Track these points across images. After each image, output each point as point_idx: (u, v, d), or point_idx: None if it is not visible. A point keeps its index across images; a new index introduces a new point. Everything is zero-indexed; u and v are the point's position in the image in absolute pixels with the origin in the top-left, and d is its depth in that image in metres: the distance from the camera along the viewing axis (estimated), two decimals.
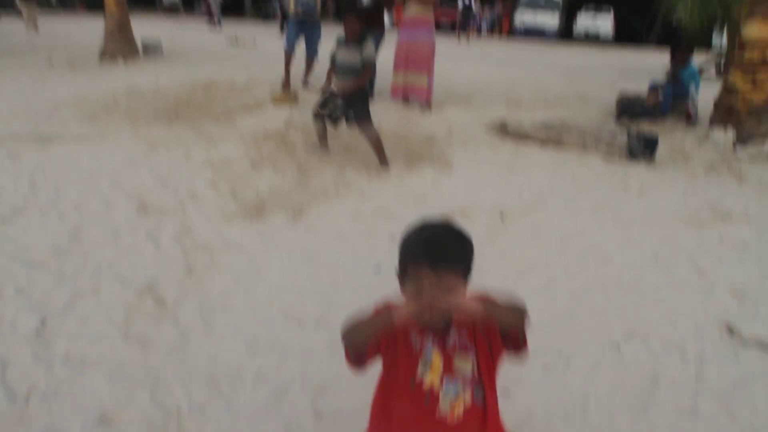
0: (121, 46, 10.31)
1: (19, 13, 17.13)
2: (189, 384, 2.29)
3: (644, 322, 2.91)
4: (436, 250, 1.25)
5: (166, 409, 2.16)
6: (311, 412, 2.19)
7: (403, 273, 1.31)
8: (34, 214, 3.71)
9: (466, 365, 1.32)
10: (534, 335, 1.35)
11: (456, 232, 1.32)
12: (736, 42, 6.73)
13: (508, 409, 1.48)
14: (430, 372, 1.31)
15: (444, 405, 1.30)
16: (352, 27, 4.63)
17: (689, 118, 7.16)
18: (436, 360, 1.31)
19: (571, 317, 2.92)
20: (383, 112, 6.77)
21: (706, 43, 18.70)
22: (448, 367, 1.31)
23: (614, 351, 2.69)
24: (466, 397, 1.31)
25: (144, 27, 14.62)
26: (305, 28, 7.72)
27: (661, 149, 5.60)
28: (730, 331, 2.90)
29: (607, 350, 2.69)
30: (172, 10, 32.36)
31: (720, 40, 13.07)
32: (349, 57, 4.63)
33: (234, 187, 4.29)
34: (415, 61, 6.97)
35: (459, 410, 1.31)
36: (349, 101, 4.66)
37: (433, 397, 1.30)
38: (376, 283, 3.12)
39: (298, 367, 2.42)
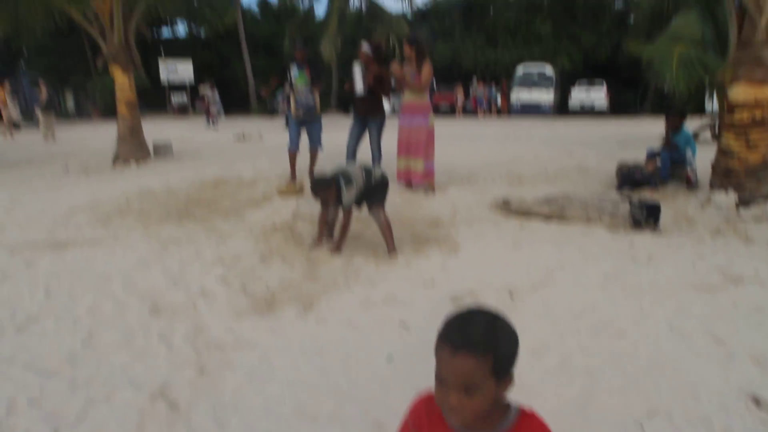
0: (132, 148, 10.68)
1: (37, 123, 18.03)
2: None
3: (666, 398, 2.83)
4: (457, 330, 1.16)
5: None
6: None
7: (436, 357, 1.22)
8: (48, 321, 3.73)
9: None
10: (552, 418, 1.31)
11: (489, 317, 1.21)
12: (725, 105, 6.87)
13: None
14: None
15: None
16: (323, 198, 4.72)
17: (689, 183, 7.23)
18: None
19: (589, 397, 2.84)
20: (388, 196, 6.87)
21: (699, 108, 19.12)
22: None
23: (637, 431, 2.60)
24: None
25: (155, 128, 15.20)
26: (306, 124, 7.96)
27: (665, 216, 5.62)
28: (757, 402, 2.81)
29: (630, 430, 2.60)
30: (181, 110, 33.83)
31: (711, 103, 13.36)
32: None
33: (244, 282, 4.32)
34: (414, 147, 7.15)
35: None
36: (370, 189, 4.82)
37: None
38: (389, 373, 3.07)
39: None
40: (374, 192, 4.85)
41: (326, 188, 4.62)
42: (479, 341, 1.14)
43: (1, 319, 3.73)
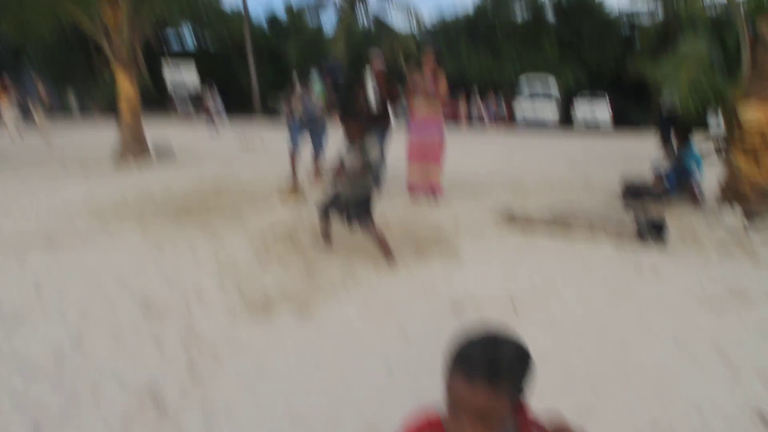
0: (133, 151, 10.66)
1: (33, 119, 18.01)
2: None
3: (670, 412, 2.76)
4: (471, 361, 1.11)
5: None
6: None
7: (445, 383, 1.18)
8: (36, 318, 3.66)
9: None
10: None
11: (505, 344, 1.17)
12: (733, 124, 6.84)
13: None
14: None
15: None
16: (350, 130, 4.69)
17: (696, 200, 7.17)
18: None
19: (592, 410, 2.77)
20: (390, 203, 6.83)
21: (702, 125, 19.06)
22: None
23: None
24: None
25: (157, 132, 15.19)
26: (310, 127, 7.96)
27: (671, 232, 5.56)
28: (764, 419, 2.73)
29: None
30: (184, 115, 33.98)
31: (716, 121, 13.30)
32: (352, 159, 4.69)
33: (240, 284, 4.25)
34: (431, 154, 7.10)
35: None
36: (350, 202, 4.68)
37: None
38: (387, 381, 3.00)
39: None
40: (364, 203, 4.76)
41: (357, 122, 4.68)
42: (496, 373, 1.10)
43: None
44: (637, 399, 2.86)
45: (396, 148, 7.83)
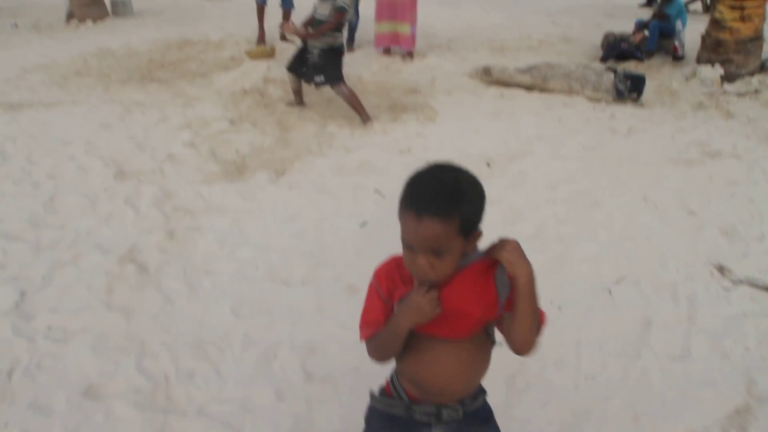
0: (88, 5, 9.92)
1: None
2: (175, 350, 2.25)
3: (635, 266, 2.90)
4: (420, 193, 1.09)
5: (153, 377, 2.13)
6: (301, 373, 2.16)
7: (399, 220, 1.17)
8: (6, 184, 3.59)
9: None
10: None
11: (451, 174, 1.12)
12: None
13: (500, 358, 1.45)
14: None
15: None
16: None
17: (676, 56, 7.05)
18: None
19: (562, 264, 2.89)
20: (364, 62, 6.60)
21: None
22: None
23: (606, 296, 2.68)
24: None
25: None
26: None
27: (648, 88, 5.51)
28: (721, 270, 2.89)
29: (599, 295, 2.68)
30: None
31: None
32: (323, 9, 4.41)
33: (213, 146, 4.18)
34: (400, 10, 6.72)
35: None
36: (318, 58, 4.47)
37: None
38: (362, 238, 3.07)
39: (286, 328, 2.38)
40: (333, 56, 4.57)
41: None
42: (444, 203, 1.07)
43: None
44: (606, 254, 2.99)
45: (367, 4, 7.39)
